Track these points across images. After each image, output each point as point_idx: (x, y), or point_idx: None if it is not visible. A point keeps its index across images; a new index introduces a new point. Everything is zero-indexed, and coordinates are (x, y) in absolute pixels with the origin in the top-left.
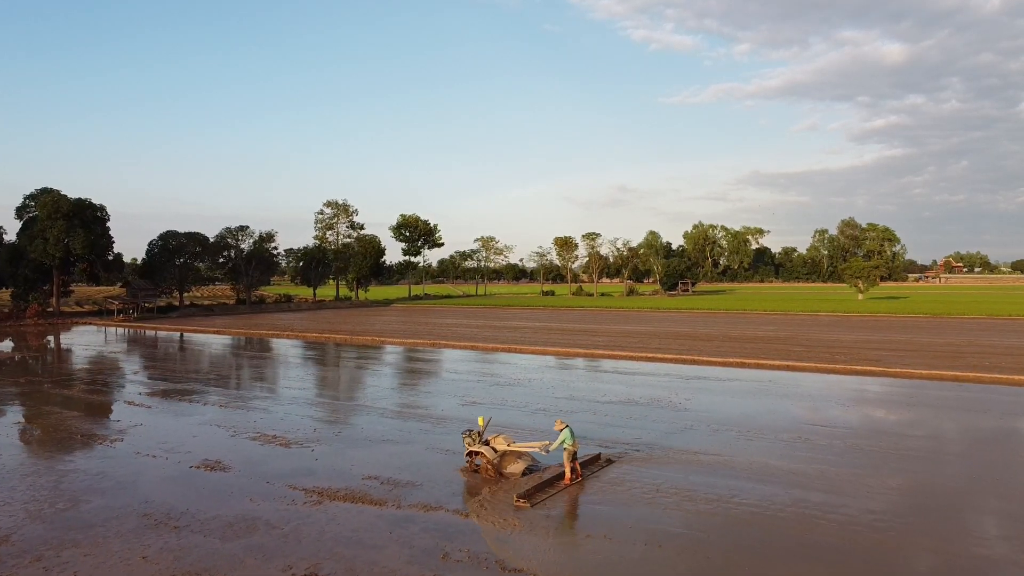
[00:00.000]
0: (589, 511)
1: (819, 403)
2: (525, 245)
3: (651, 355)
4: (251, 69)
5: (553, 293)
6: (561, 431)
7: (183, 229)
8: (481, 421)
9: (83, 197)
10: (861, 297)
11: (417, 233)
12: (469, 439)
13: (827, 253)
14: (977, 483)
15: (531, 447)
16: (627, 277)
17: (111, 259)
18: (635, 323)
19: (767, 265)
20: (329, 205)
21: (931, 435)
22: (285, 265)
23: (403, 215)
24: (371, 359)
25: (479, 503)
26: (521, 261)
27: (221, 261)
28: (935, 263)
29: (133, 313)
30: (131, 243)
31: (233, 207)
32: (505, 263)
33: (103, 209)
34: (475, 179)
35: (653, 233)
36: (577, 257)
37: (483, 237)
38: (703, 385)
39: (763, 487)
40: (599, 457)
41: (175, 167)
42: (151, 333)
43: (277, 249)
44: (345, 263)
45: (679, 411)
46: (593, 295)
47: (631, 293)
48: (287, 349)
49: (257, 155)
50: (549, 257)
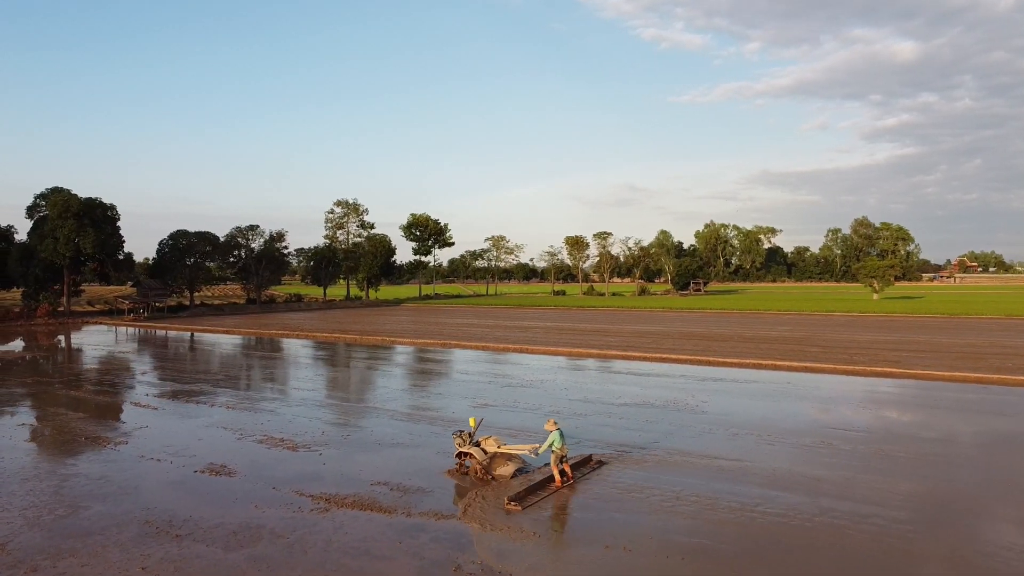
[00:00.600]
0: (590, 516)
1: (840, 406)
2: (534, 245)
3: (665, 356)
4: (260, 69)
5: (564, 293)
6: (551, 432)
7: (193, 228)
8: (472, 422)
9: (93, 196)
10: (876, 297)
11: (427, 232)
12: (460, 440)
13: (840, 252)
14: (1018, 491)
15: (520, 449)
16: (638, 277)
17: (121, 258)
18: (647, 323)
19: (779, 265)
20: (339, 204)
21: (959, 440)
22: (295, 265)
23: (413, 214)
24: (381, 359)
25: (468, 506)
26: (531, 261)
27: (231, 260)
28: (949, 263)
29: (143, 312)
30: (141, 242)
31: (243, 207)
32: (515, 263)
33: (113, 208)
34: (482, 178)
35: (664, 232)
36: (588, 257)
37: (494, 236)
38: (719, 387)
39: (787, 495)
40: (591, 459)
41: (185, 167)
42: (161, 333)
43: (287, 248)
44: (355, 263)
45: (696, 414)
46: (604, 295)
47: (643, 293)
48: (297, 349)
49: (267, 155)
50: (560, 256)
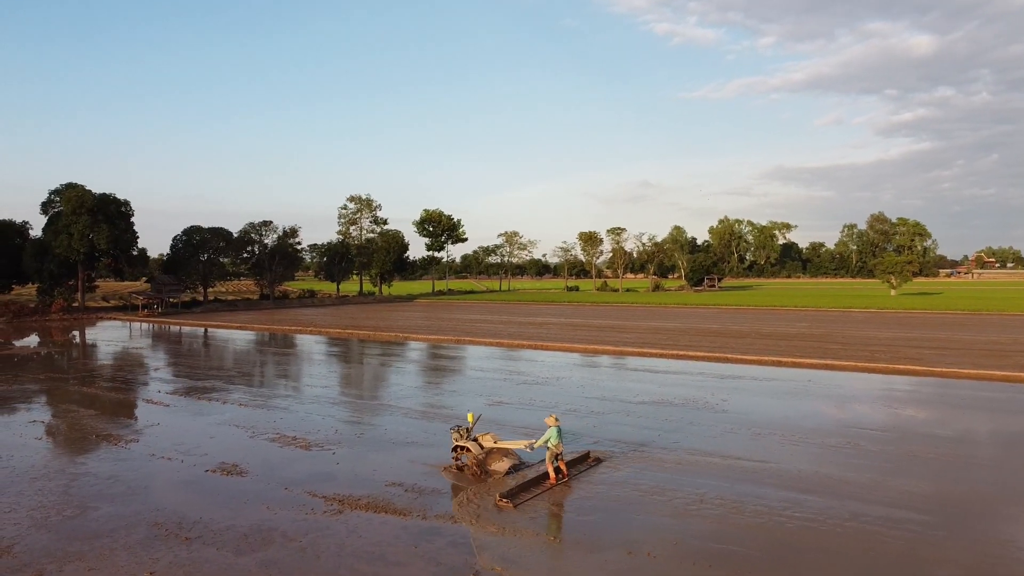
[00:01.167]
0: (589, 517)
1: (864, 405)
2: (547, 241)
3: (682, 352)
4: (274, 66)
5: (578, 288)
6: (549, 428)
7: (207, 224)
8: (471, 417)
9: (107, 192)
10: (894, 293)
11: (440, 228)
12: (457, 434)
13: (856, 248)
14: None
15: (516, 445)
16: (652, 272)
17: (135, 254)
18: (663, 319)
19: (794, 260)
20: (352, 200)
21: (991, 442)
22: (309, 260)
23: (426, 210)
24: (395, 356)
25: (460, 502)
26: (544, 256)
27: (245, 256)
28: (966, 258)
29: (157, 308)
30: (155, 238)
31: (257, 203)
32: (529, 258)
33: (127, 204)
34: (495, 174)
35: (678, 228)
36: (601, 252)
37: (507, 232)
38: (739, 385)
39: (815, 498)
40: (588, 456)
41: (199, 163)
42: (175, 328)
43: (300, 244)
44: (368, 258)
45: (716, 412)
46: (618, 290)
47: (657, 288)
48: (310, 345)
49: (281, 152)
50: (573, 252)
